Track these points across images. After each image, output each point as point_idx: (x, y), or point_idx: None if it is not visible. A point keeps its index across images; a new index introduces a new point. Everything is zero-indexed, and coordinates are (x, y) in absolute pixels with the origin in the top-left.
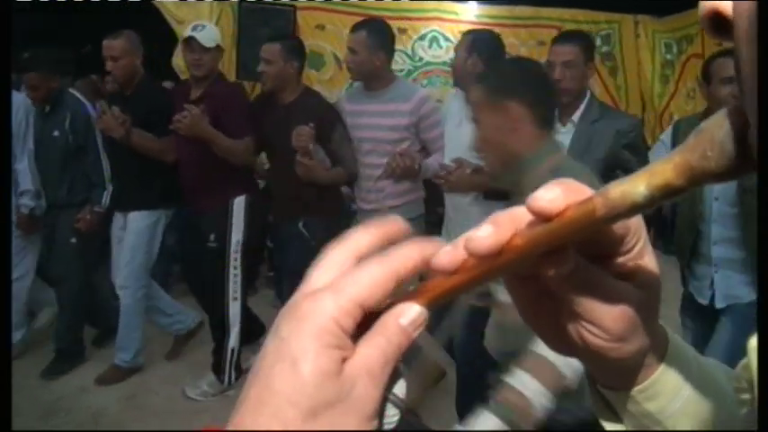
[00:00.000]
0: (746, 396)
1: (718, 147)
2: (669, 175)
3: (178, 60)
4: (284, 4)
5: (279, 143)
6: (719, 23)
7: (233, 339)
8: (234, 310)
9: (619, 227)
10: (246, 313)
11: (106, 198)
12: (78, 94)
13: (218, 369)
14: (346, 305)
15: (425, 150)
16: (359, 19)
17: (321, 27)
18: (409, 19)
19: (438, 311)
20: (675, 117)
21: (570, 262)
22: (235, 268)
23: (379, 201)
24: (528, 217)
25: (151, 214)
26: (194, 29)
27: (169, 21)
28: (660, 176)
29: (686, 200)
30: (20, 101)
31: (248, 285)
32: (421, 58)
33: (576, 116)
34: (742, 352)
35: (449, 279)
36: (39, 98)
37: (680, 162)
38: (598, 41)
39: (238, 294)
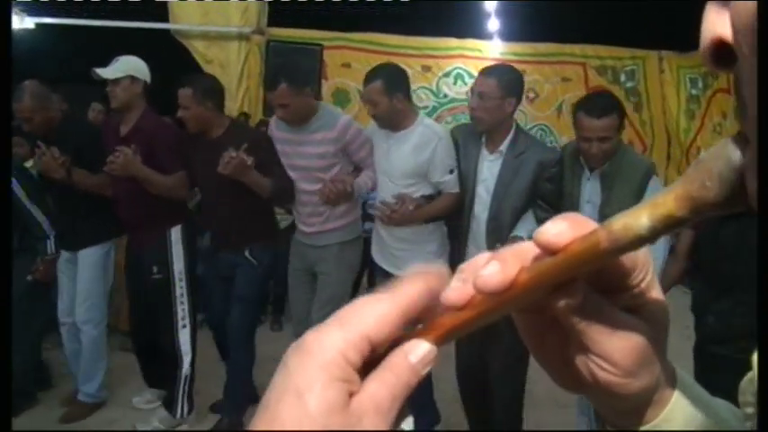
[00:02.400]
0: (751, 410)
1: (717, 177)
2: (671, 206)
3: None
4: (311, 44)
5: (211, 178)
6: (721, 53)
7: (185, 368)
8: (184, 338)
9: (626, 260)
10: (195, 343)
11: (51, 246)
12: None
13: (169, 402)
14: (353, 339)
15: (358, 170)
16: (384, 58)
17: (347, 65)
18: (434, 57)
19: None
20: (703, 152)
21: (579, 294)
22: (181, 296)
23: (320, 224)
24: (534, 251)
25: (102, 246)
26: (113, 63)
27: (198, 60)
28: (662, 208)
29: None
30: None
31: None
32: (446, 95)
33: (504, 146)
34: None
35: (458, 315)
36: None
37: (681, 193)
38: (623, 77)
39: (187, 322)
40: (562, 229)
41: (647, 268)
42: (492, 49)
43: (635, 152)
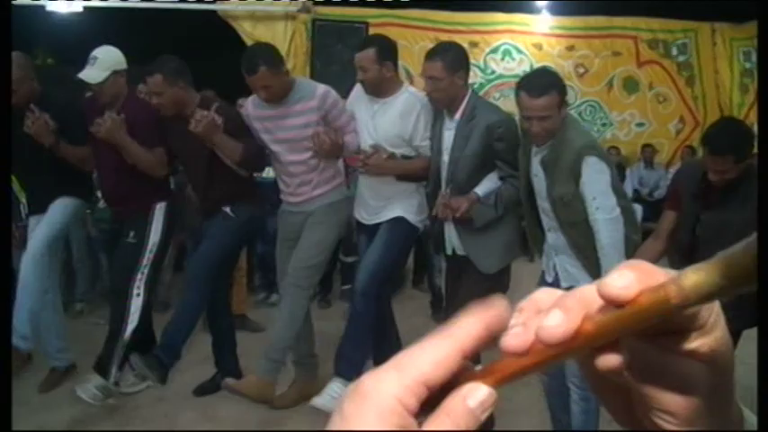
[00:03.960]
0: None
1: None
2: (748, 262)
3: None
4: (357, 22)
5: (191, 153)
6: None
7: (126, 333)
8: (135, 306)
9: None
10: (146, 318)
11: (23, 210)
12: None
13: (102, 367)
14: (410, 384)
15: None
16: (430, 34)
17: None
18: (481, 32)
19: None
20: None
21: (623, 354)
22: (145, 266)
23: (309, 191)
24: (598, 300)
25: (62, 205)
26: (88, 62)
27: (245, 40)
28: (738, 267)
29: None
30: None
31: (154, 291)
32: (493, 71)
33: (458, 115)
34: None
35: (518, 361)
36: None
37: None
38: (674, 51)
39: (141, 292)
40: (629, 282)
41: (712, 308)
42: (540, 23)
43: (577, 130)
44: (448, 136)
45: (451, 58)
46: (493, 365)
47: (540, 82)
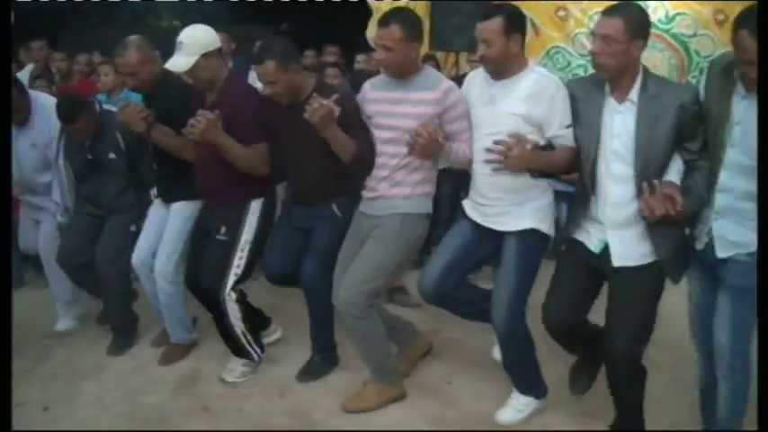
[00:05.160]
0: None
1: None
2: None
3: (372, 32)
4: None
5: (297, 142)
6: None
7: (238, 324)
8: (233, 309)
9: None
10: (246, 307)
11: (153, 195)
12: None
13: (240, 352)
14: None
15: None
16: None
17: None
18: None
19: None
20: None
21: None
22: (237, 267)
23: (386, 189)
24: None
25: (195, 204)
26: (178, 47)
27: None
28: None
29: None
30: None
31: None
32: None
33: (633, 95)
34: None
35: None
36: (88, 135)
37: None
38: None
39: (233, 293)
40: None
41: None
42: None
43: None
44: (619, 120)
45: (635, 21)
46: None
47: None
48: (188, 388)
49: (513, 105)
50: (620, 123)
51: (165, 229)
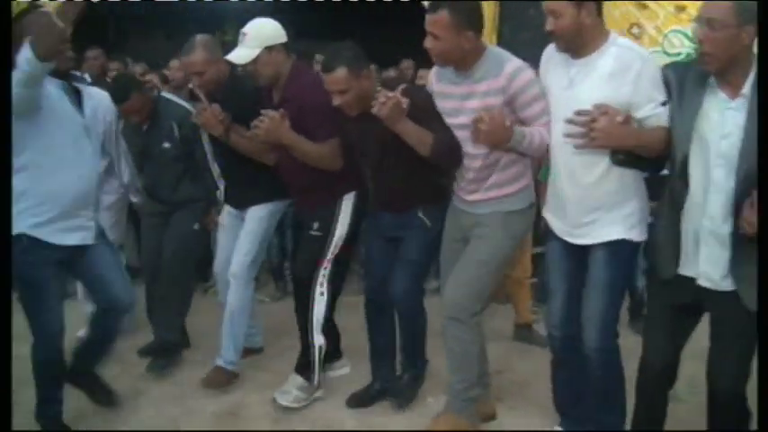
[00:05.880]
0: None
1: None
2: None
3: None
4: None
5: (373, 143)
6: None
7: (315, 335)
8: (319, 304)
9: None
10: (330, 313)
11: (221, 196)
12: (178, 99)
13: (305, 369)
14: None
15: None
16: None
17: None
18: None
19: None
20: None
21: None
22: (329, 260)
23: (481, 192)
24: None
25: (271, 205)
26: (241, 39)
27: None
28: None
29: None
30: (105, 100)
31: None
32: None
33: (747, 90)
34: None
35: None
36: (141, 117)
37: None
38: None
39: (325, 290)
40: None
41: None
42: None
43: None
44: (731, 118)
45: (745, 6)
46: None
47: None
48: (228, 422)
49: (594, 90)
50: (731, 122)
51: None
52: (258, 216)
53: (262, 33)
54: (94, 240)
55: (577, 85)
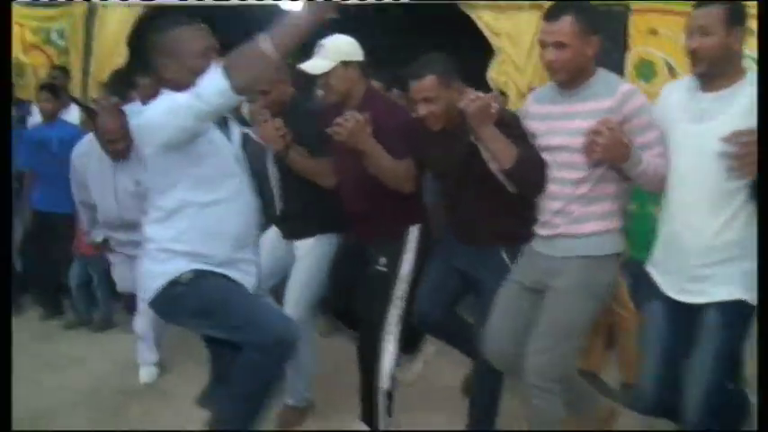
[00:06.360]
0: None
1: None
2: None
3: (492, 73)
4: (616, 4)
5: (453, 166)
6: None
7: (384, 379)
8: (388, 346)
9: None
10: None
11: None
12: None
13: (368, 414)
14: None
15: None
16: None
17: (654, 32)
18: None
19: None
20: None
21: None
22: (399, 299)
23: (565, 225)
24: None
25: (326, 238)
26: (317, 50)
27: (485, 32)
28: None
29: None
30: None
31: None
32: None
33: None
34: None
35: None
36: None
37: None
38: None
39: (393, 329)
40: None
41: None
42: None
43: None
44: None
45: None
46: None
47: None
48: None
49: (732, 126)
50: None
51: (281, 263)
52: (315, 254)
53: (339, 47)
54: (254, 290)
55: (710, 122)
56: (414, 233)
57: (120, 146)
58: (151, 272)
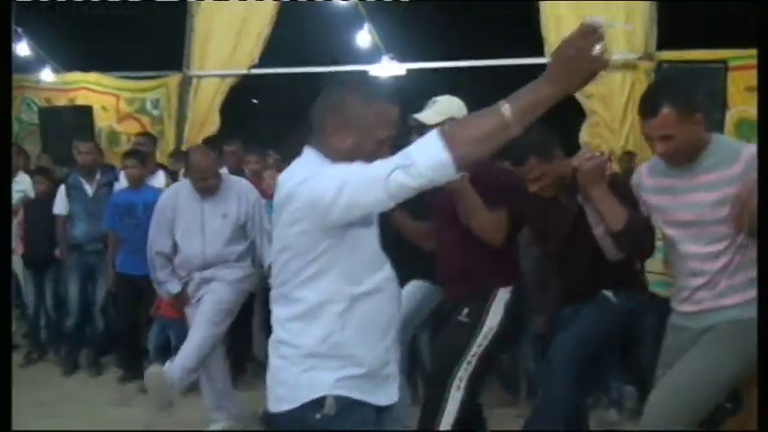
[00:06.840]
0: None
1: None
2: None
3: (585, 136)
4: (713, 61)
5: (559, 220)
6: None
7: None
8: (453, 402)
9: None
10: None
11: None
12: None
13: None
14: None
15: None
16: None
17: (752, 89)
18: None
19: None
20: None
21: None
22: (473, 355)
23: (710, 300)
24: None
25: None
26: (430, 105)
27: (575, 95)
28: None
29: None
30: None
31: None
32: None
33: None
34: None
35: None
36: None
37: None
38: None
39: (463, 385)
40: None
41: None
42: None
43: None
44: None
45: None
46: None
47: None
48: None
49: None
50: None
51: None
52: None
53: (451, 105)
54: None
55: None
56: (504, 293)
57: (210, 183)
58: (287, 379)
